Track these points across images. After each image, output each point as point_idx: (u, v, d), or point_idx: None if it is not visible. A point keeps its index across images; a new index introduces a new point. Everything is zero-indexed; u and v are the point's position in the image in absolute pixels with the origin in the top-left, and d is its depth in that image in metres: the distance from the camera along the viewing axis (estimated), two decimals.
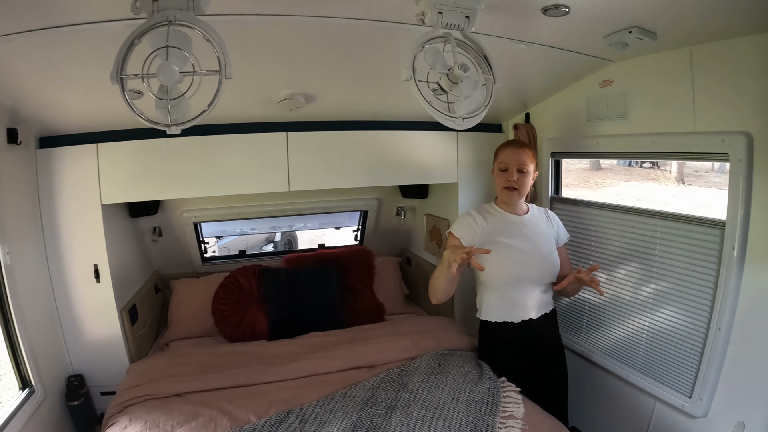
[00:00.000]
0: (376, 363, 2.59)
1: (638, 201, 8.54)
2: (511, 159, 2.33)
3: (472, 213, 2.42)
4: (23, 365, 2.36)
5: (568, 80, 2.65)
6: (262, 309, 3.19)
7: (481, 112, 1.68)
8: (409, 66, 1.53)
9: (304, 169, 2.82)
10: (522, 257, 2.31)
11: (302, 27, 1.82)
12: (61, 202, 2.59)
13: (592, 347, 2.67)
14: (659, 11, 1.74)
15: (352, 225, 4.16)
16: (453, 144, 3.05)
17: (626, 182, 7.94)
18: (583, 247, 2.68)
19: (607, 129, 2.52)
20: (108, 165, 2.60)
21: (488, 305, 2.39)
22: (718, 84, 1.98)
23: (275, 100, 2.48)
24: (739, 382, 1.96)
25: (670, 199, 7.92)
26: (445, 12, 1.57)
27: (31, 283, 2.46)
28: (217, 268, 3.67)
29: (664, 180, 7.34)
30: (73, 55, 1.87)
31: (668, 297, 2.24)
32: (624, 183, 8.01)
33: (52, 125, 2.52)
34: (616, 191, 8.89)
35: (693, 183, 7.15)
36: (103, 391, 2.76)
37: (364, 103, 2.77)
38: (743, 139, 1.86)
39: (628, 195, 8.84)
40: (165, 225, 3.44)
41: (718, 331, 1.99)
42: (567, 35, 2.06)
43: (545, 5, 1.68)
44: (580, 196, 2.86)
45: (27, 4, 1.44)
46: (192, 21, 1.36)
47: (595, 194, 9.18)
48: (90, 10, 1.57)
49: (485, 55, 1.68)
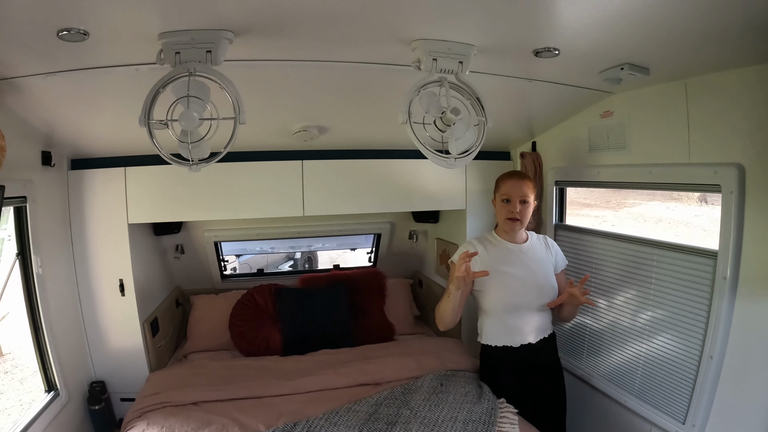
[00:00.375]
0: (382, 381, 2.69)
1: (660, 221, 8.44)
2: (513, 191, 2.42)
3: (473, 242, 2.52)
4: (50, 369, 2.52)
5: (571, 111, 2.74)
6: (276, 326, 3.32)
7: (472, 152, 1.80)
8: (405, 110, 1.67)
9: (318, 195, 2.96)
10: (520, 285, 2.40)
11: (313, 69, 1.96)
12: (90, 220, 2.78)
13: (592, 371, 2.72)
14: (648, 48, 1.79)
15: (368, 246, 4.26)
16: (461, 171, 3.16)
17: (648, 201, 7.84)
18: (584, 273, 2.72)
19: (608, 159, 2.59)
20: (135, 187, 2.78)
21: (488, 330, 2.48)
22: (712, 116, 2.02)
23: (291, 132, 2.63)
24: (732, 409, 1.98)
25: (692, 219, 7.81)
26: (439, 59, 1.70)
27: (60, 294, 2.64)
28: (236, 285, 3.81)
29: (687, 200, 7.29)
30: (103, 89, 2.04)
31: (664, 324, 2.29)
32: (646, 203, 7.92)
33: (83, 149, 2.71)
34: (638, 211, 8.73)
35: (715, 203, 7.05)
36: (123, 398, 2.91)
37: (374, 133, 2.90)
38: (735, 170, 1.90)
39: (650, 215, 8.73)
40: (187, 243, 3.61)
41: (710, 359, 2.03)
42: (564, 72, 2.15)
43: (535, 48, 1.79)
44: (586, 224, 2.93)
45: (61, 49, 1.59)
46: (210, 73, 1.54)
47: (617, 215, 9.10)
48: (116, 55, 1.74)
49: (478, 98, 1.81)
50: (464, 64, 1.76)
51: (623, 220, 9.17)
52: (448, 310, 2.36)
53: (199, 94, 1.53)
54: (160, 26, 1.50)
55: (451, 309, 2.35)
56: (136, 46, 1.63)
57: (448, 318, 2.40)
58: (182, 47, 1.53)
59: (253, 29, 1.55)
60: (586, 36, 1.69)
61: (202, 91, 1.54)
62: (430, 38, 1.67)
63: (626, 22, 1.53)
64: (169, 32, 1.52)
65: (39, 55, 1.68)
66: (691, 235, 8.08)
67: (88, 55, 1.70)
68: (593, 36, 1.68)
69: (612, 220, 9.32)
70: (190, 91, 1.51)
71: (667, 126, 2.23)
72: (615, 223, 9.25)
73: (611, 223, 9.28)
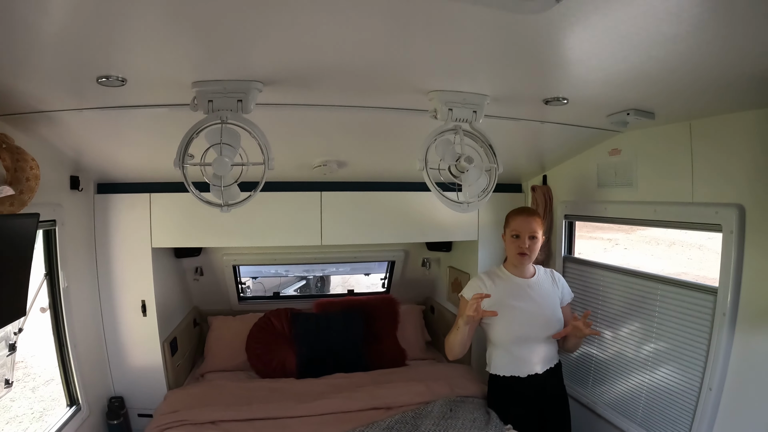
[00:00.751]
0: (393, 405, 2.76)
1: (672, 244, 8.39)
2: (523, 227, 2.50)
3: (482, 277, 2.61)
4: (72, 384, 2.64)
5: (581, 147, 2.82)
6: (292, 349, 3.41)
7: (483, 197, 1.92)
8: (422, 158, 1.79)
9: (335, 225, 3.08)
10: (527, 318, 2.48)
11: (334, 112, 2.07)
12: (115, 243, 2.90)
13: (597, 399, 2.78)
14: (653, 95, 1.87)
15: (381, 272, 4.35)
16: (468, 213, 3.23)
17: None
18: (590, 305, 2.81)
19: (615, 195, 2.66)
20: (159, 213, 2.92)
21: (496, 361, 2.56)
22: (714, 156, 2.09)
23: (311, 166, 2.75)
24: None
25: (706, 242, 7.70)
26: (455, 108, 1.81)
27: (83, 313, 2.76)
28: (252, 307, 3.92)
29: None
30: (131, 124, 2.17)
31: (666, 356, 2.35)
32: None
33: (110, 174, 2.83)
34: (651, 234, 8.73)
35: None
36: (140, 413, 3.01)
37: (391, 167, 3.01)
38: (735, 211, 1.97)
39: (663, 238, 8.70)
40: (206, 266, 3.73)
41: (709, 391, 2.08)
42: (573, 116, 2.25)
43: (545, 98, 1.90)
44: (591, 257, 3.01)
45: (99, 91, 1.70)
46: (241, 121, 1.67)
47: (629, 238, 9.05)
48: (149, 97, 1.86)
49: (490, 145, 1.92)
50: (478, 113, 1.87)
51: (636, 242, 9.13)
52: (456, 342, 2.45)
53: (231, 141, 1.66)
54: (194, 76, 1.62)
55: (459, 342, 2.44)
56: (170, 90, 1.75)
57: (456, 350, 2.48)
58: (215, 96, 1.66)
59: (280, 80, 1.67)
60: (593, 87, 1.79)
61: (233, 138, 1.67)
62: (445, 89, 1.79)
63: (632, 75, 1.62)
64: (203, 81, 1.64)
65: (77, 95, 1.80)
66: (705, 258, 8.02)
67: (122, 97, 1.81)
68: (600, 87, 1.78)
69: (624, 243, 9.28)
70: (223, 138, 1.63)
71: (672, 165, 2.30)
72: (627, 245, 9.21)
73: (624, 245, 9.23)
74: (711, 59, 1.42)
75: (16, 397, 4.41)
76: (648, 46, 1.34)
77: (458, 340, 2.42)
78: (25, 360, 5.12)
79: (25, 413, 4.21)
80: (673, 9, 1.11)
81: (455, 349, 2.47)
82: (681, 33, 1.24)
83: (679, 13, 1.13)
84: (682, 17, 1.15)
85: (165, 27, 1.24)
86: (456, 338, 2.45)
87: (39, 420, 4.09)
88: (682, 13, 1.13)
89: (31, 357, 5.11)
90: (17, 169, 1.84)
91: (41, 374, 4.77)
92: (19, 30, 1.19)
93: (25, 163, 1.87)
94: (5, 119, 1.93)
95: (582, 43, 1.34)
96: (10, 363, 2.95)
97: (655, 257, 8.45)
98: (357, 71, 1.62)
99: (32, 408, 4.30)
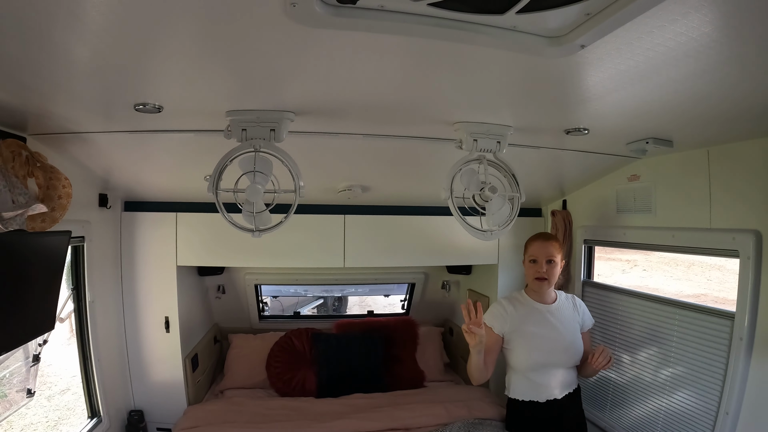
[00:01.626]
0: (412, 426, 2.79)
1: (692, 265, 8.26)
2: (540, 252, 2.53)
3: (503, 302, 2.61)
4: (95, 397, 2.69)
5: (600, 173, 2.86)
6: (312, 369, 3.46)
7: (505, 226, 1.96)
8: (447, 187, 1.85)
9: (358, 248, 3.14)
10: (547, 345, 2.48)
11: (360, 139, 2.14)
12: (140, 260, 2.97)
13: (615, 423, 2.78)
14: (671, 125, 1.92)
15: (401, 293, 4.38)
16: (491, 240, 3.25)
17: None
18: (609, 329, 2.83)
19: (634, 221, 2.69)
20: (185, 232, 2.99)
21: (516, 386, 2.57)
22: (732, 183, 2.12)
23: (336, 190, 2.82)
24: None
25: (725, 263, 7.57)
26: (479, 139, 1.88)
27: (107, 328, 2.82)
28: (272, 326, 3.98)
29: None
30: (162, 147, 2.25)
31: (683, 380, 2.36)
32: None
33: (137, 192, 2.91)
34: (671, 255, 8.61)
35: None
36: (159, 428, 3.06)
37: (414, 192, 3.06)
38: (752, 237, 1.99)
39: (683, 259, 8.57)
40: (228, 284, 3.81)
41: (726, 415, 2.08)
42: (593, 144, 2.30)
43: (567, 128, 1.96)
44: (611, 282, 3.02)
45: (134, 117, 1.77)
46: (273, 150, 1.74)
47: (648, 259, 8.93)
48: (182, 123, 1.92)
49: (513, 174, 1.97)
50: (501, 144, 1.93)
51: (654, 264, 9.02)
52: (472, 368, 2.43)
53: (263, 169, 1.73)
54: (228, 105, 1.70)
55: (474, 367, 2.41)
56: (203, 117, 1.83)
57: (474, 375, 2.46)
58: (248, 125, 1.73)
59: (311, 111, 1.74)
60: (613, 119, 1.84)
61: (266, 166, 1.74)
62: (471, 120, 1.85)
63: (650, 108, 1.67)
64: (236, 111, 1.72)
65: (111, 119, 1.87)
66: (725, 279, 7.87)
67: (156, 122, 1.87)
68: (620, 119, 1.84)
69: (643, 264, 9.16)
70: (256, 167, 1.71)
71: (690, 191, 2.33)
72: (646, 267, 9.09)
73: (642, 267, 9.12)
74: (725, 92, 1.47)
75: (31, 405, 4.40)
76: (665, 83, 1.40)
77: (473, 365, 2.41)
78: (41, 369, 5.17)
79: (40, 421, 4.21)
80: (691, 52, 1.16)
81: (473, 375, 2.47)
82: (697, 71, 1.30)
83: (695, 55, 1.19)
84: (699, 58, 1.20)
85: (203, 60, 1.30)
86: (470, 364, 2.43)
87: (54, 429, 4.12)
88: (698, 55, 1.18)
89: (48, 366, 5.12)
90: (50, 187, 1.90)
91: (57, 383, 4.79)
92: (59, 57, 1.24)
93: (58, 182, 1.92)
94: (39, 138, 2.00)
95: (603, 81, 1.40)
96: (34, 373, 3.03)
97: (674, 279, 8.34)
98: (386, 105, 1.69)
99: (47, 417, 4.29)
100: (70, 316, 3.42)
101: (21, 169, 1.81)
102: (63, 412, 4.40)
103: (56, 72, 1.35)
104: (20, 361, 3.15)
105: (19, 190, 1.73)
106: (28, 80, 1.39)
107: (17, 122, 1.84)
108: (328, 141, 2.14)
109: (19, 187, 1.74)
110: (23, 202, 1.70)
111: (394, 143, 2.19)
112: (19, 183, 1.75)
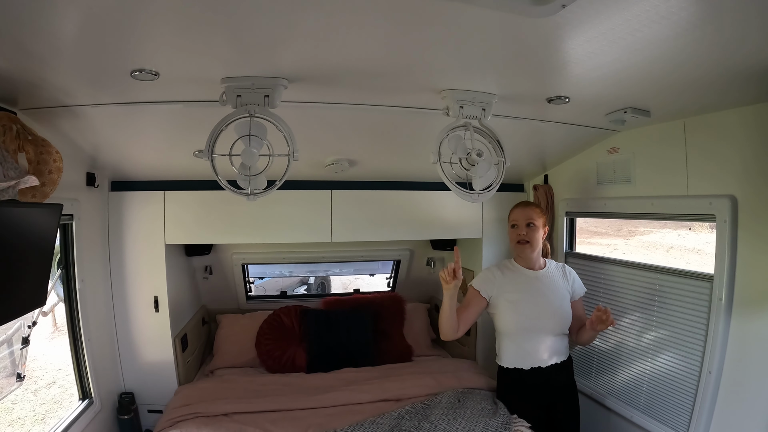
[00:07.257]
0: (403, 397, 2.84)
1: (670, 249, 8.40)
2: (519, 216, 2.62)
3: (492, 268, 2.69)
4: (86, 378, 2.70)
5: (581, 147, 2.94)
6: (301, 345, 3.50)
7: (493, 188, 2.03)
8: (435, 151, 1.91)
9: (345, 223, 3.17)
10: (534, 310, 2.54)
11: (349, 110, 2.18)
12: (128, 239, 2.98)
13: (601, 389, 2.87)
14: (649, 94, 2.00)
15: (386, 272, 4.43)
16: (478, 203, 3.35)
17: (660, 230, 7.90)
18: (593, 298, 2.91)
19: (614, 192, 2.78)
20: (173, 210, 3.00)
21: (505, 352, 2.62)
22: (707, 151, 2.22)
23: (323, 164, 2.85)
24: (731, 420, 2.12)
25: (704, 247, 7.71)
26: (465, 106, 1.93)
27: (96, 308, 2.82)
28: (259, 306, 4.00)
29: (698, 228, 7.28)
30: (151, 120, 2.24)
31: (666, 343, 2.45)
32: (658, 230, 7.98)
33: (125, 171, 2.90)
34: (649, 239, 8.73)
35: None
36: (150, 409, 3.08)
37: (400, 167, 3.11)
38: (728, 202, 2.09)
39: (661, 243, 8.71)
40: (216, 264, 3.82)
41: (709, 374, 2.18)
42: (574, 115, 2.36)
43: (548, 96, 2.02)
44: (593, 252, 3.11)
45: (130, 85, 1.77)
46: (268, 115, 1.78)
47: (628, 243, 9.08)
48: (169, 93, 1.92)
49: (498, 140, 2.04)
50: (487, 111, 1.99)
51: (634, 248, 9.14)
52: (443, 316, 2.47)
53: (258, 133, 1.77)
54: (223, 72, 1.72)
55: (445, 315, 2.45)
56: (198, 86, 1.85)
57: (443, 326, 2.50)
58: (243, 91, 1.76)
59: (304, 78, 1.78)
60: (593, 86, 1.90)
61: (260, 131, 1.78)
62: (457, 88, 1.91)
63: (628, 74, 1.73)
64: (232, 77, 1.74)
65: (105, 88, 1.86)
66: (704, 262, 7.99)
67: (148, 92, 1.89)
68: (599, 86, 1.89)
69: (623, 248, 9.29)
70: (251, 131, 1.74)
71: (667, 161, 2.42)
72: (626, 251, 9.22)
73: (622, 251, 9.26)
74: (700, 58, 1.54)
75: (18, 400, 4.42)
76: (642, 47, 1.46)
77: (444, 310, 2.44)
78: (27, 363, 5.14)
79: (27, 416, 4.20)
80: (664, 13, 1.22)
81: (443, 323, 2.49)
82: (672, 34, 1.36)
83: (669, 17, 1.24)
84: (673, 20, 1.26)
85: (200, 24, 1.32)
86: (442, 311, 2.47)
87: (41, 422, 4.10)
88: (671, 17, 1.24)
89: (33, 360, 5.10)
90: (40, 162, 1.88)
91: (43, 377, 4.76)
92: (60, 17, 1.25)
93: (49, 156, 1.90)
94: (28, 113, 1.99)
95: (583, 44, 1.45)
96: (23, 356, 3.03)
97: (654, 262, 8.48)
98: (375, 71, 1.73)
99: (34, 410, 4.29)
100: (53, 310, 3.41)
101: (12, 144, 1.80)
102: (50, 406, 4.37)
103: (55, 34, 1.36)
104: (4, 350, 3.15)
105: (9, 164, 1.72)
106: (27, 42, 1.39)
107: (8, 95, 1.83)
108: (317, 111, 2.18)
109: (10, 161, 1.74)
110: (14, 176, 1.70)
111: (382, 115, 2.23)
112: (9, 157, 1.74)
